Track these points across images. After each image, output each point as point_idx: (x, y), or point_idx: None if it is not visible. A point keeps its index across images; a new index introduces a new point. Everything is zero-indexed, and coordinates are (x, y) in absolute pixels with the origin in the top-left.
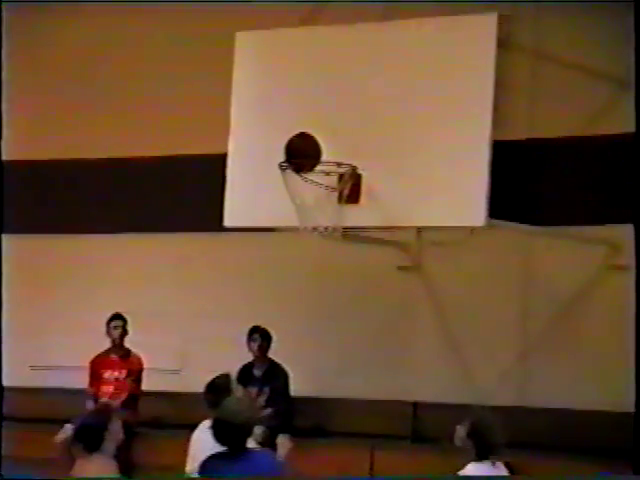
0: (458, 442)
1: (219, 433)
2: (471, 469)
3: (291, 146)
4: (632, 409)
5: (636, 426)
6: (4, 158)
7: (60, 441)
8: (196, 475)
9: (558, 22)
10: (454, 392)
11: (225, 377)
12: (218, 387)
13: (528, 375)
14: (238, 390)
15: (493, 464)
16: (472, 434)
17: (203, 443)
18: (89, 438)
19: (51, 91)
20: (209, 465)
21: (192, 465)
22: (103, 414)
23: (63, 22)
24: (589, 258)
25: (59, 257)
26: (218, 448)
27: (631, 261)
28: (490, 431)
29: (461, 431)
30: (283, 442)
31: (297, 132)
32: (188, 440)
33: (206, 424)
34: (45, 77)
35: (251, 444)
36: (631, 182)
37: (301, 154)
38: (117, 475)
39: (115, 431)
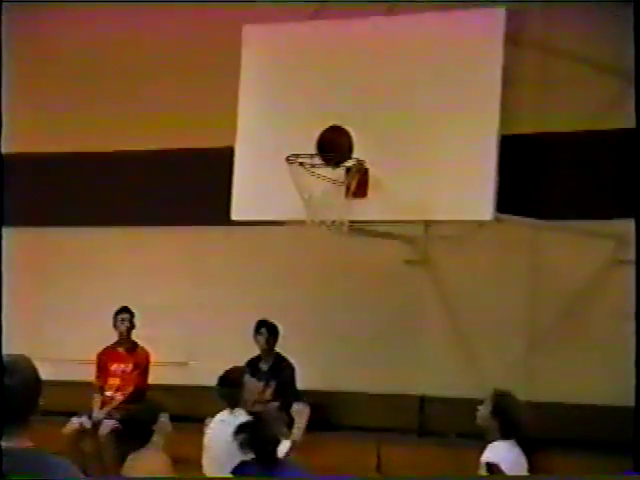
0: (481, 422)
1: (252, 443)
2: (498, 447)
3: (323, 139)
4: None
5: (636, 421)
6: (17, 151)
7: (67, 434)
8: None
9: (566, 16)
10: (461, 386)
11: (238, 370)
12: (231, 380)
13: (535, 369)
14: (250, 383)
15: (516, 443)
16: (496, 413)
17: (217, 437)
18: (138, 433)
19: (58, 84)
20: (240, 473)
21: (207, 460)
22: (150, 408)
23: (67, 13)
24: (596, 252)
25: (67, 250)
26: (233, 442)
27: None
28: (515, 409)
29: (484, 411)
30: (299, 410)
31: (329, 126)
32: (195, 432)
33: (218, 418)
34: (50, 69)
35: None
36: (632, 177)
37: (333, 147)
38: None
39: (164, 424)
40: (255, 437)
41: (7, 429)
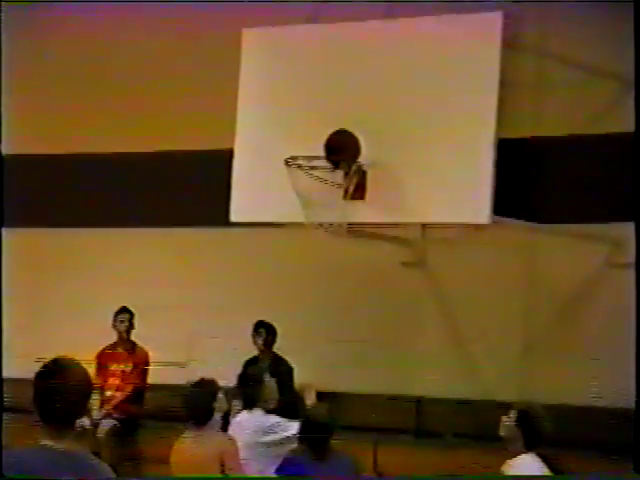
0: (504, 433)
1: (305, 436)
2: (525, 460)
3: (330, 142)
4: (634, 406)
5: (637, 423)
6: (16, 152)
7: None
8: None
9: (563, 20)
10: (457, 387)
11: (258, 369)
12: (251, 379)
13: (531, 371)
14: (270, 382)
15: (539, 455)
16: (521, 423)
17: (238, 437)
18: (199, 412)
19: (56, 85)
20: (293, 464)
21: None
22: (209, 386)
23: (66, 16)
24: (593, 256)
25: (66, 251)
26: (251, 440)
27: (634, 259)
28: (540, 420)
29: (508, 421)
30: (306, 389)
31: (336, 129)
32: None
33: (237, 418)
34: (49, 71)
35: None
36: (631, 180)
37: (340, 150)
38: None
39: (222, 402)
40: (307, 428)
41: (57, 431)
